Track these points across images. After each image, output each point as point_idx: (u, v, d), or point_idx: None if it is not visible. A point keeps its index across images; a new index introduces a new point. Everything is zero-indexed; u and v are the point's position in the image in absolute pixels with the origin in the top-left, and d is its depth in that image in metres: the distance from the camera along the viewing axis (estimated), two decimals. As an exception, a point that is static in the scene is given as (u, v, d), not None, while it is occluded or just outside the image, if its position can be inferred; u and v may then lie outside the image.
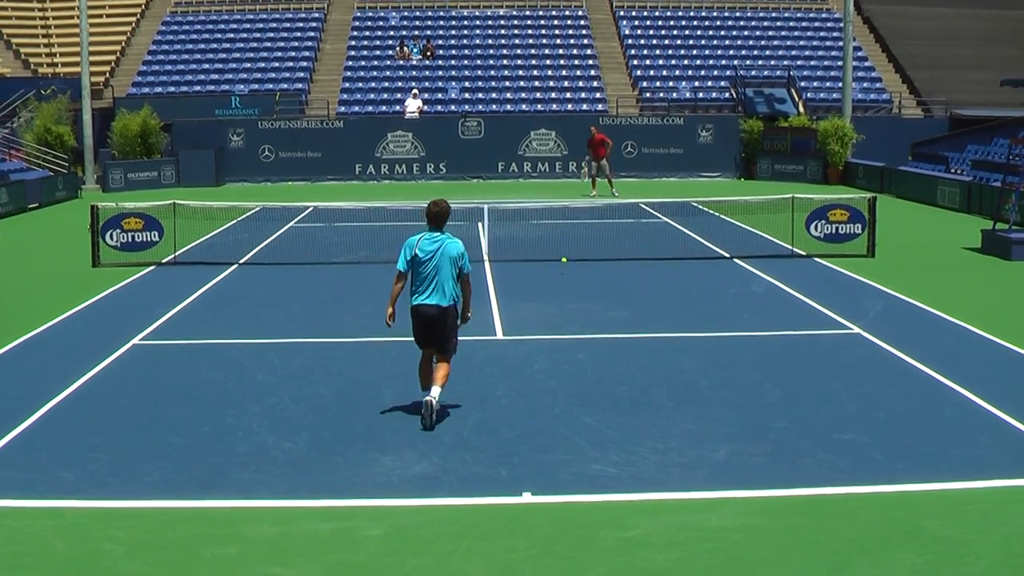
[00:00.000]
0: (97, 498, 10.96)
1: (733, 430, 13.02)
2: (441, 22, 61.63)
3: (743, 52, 58.85)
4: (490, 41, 59.92)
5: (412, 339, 13.59)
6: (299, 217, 34.61)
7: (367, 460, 12.04)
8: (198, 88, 55.73)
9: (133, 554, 9.66)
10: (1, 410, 13.96)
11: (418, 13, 62.32)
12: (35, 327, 18.92)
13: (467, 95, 55.84)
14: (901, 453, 12.18)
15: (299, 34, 60.30)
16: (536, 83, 56.60)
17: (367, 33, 60.77)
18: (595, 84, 56.43)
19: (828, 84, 56.26)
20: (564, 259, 24.57)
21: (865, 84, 55.92)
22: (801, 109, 53.58)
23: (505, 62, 58.22)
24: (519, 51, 59.07)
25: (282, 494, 10.94)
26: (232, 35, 60.28)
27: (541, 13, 62.24)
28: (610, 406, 14.08)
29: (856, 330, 18.40)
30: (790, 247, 26.76)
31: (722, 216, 34.09)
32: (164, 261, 25.95)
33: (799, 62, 58.08)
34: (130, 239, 26.44)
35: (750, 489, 11.11)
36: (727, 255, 26.70)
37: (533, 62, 58.23)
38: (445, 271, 13.07)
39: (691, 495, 10.99)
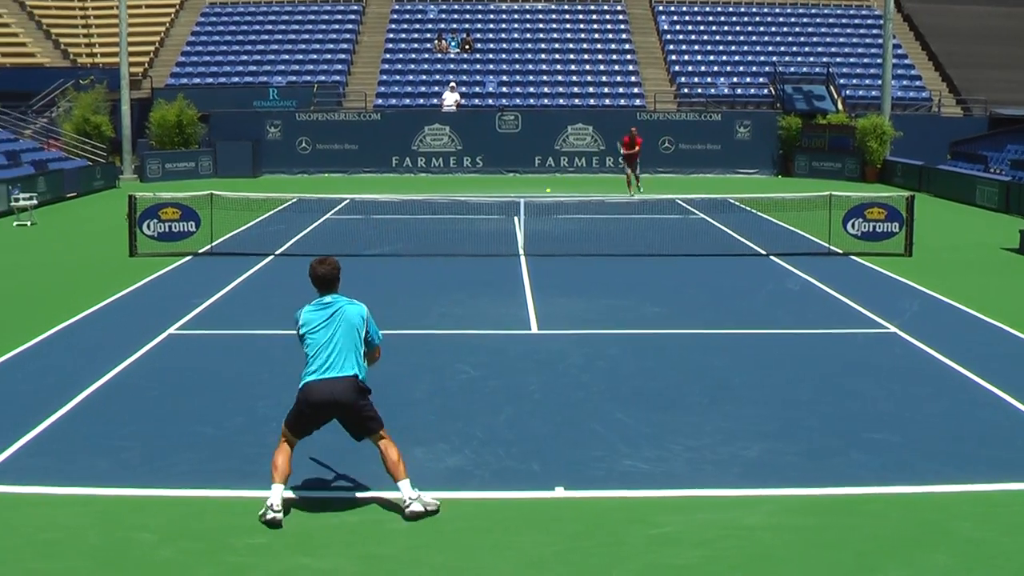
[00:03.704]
0: (130, 486, 11.02)
1: (766, 428, 12.98)
2: (479, 16, 61.61)
3: (782, 48, 58.59)
4: (528, 35, 59.86)
5: (438, 332, 13.46)
6: (335, 209, 34.66)
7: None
8: (236, 79, 55.85)
9: (165, 543, 9.71)
10: (36, 398, 14.06)
11: (456, 7, 62.30)
12: (72, 316, 19.03)
13: (504, 89, 55.81)
14: (933, 453, 12.12)
15: (337, 26, 60.38)
16: (574, 78, 56.51)
17: (405, 26, 60.81)
18: (633, 79, 56.30)
19: (867, 81, 55.94)
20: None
21: (904, 82, 55.62)
22: (840, 106, 53.31)
23: (543, 56, 58.14)
24: (557, 45, 58.97)
25: (312, 485, 10.96)
26: (271, 27, 60.41)
27: (579, 7, 62.15)
28: (643, 402, 14.06)
29: (892, 329, 18.30)
30: (827, 245, 26.66)
31: (759, 213, 34.00)
32: (200, 251, 26.05)
33: (838, 59, 57.79)
34: (167, 229, 26.54)
35: (782, 488, 11.07)
36: (763, 252, 26.62)
37: (571, 56, 58.13)
38: (346, 339, 10.39)
39: (723, 493, 10.96)
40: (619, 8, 62.09)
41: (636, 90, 55.45)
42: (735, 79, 56.45)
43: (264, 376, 15.36)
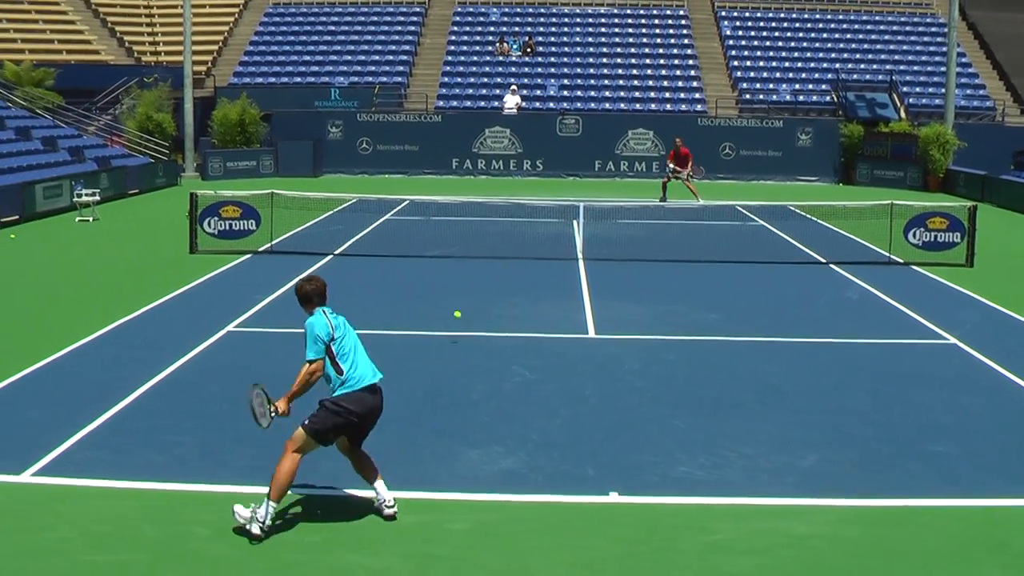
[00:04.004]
0: (185, 481, 11.11)
1: (821, 437, 12.91)
2: (542, 19, 61.61)
3: (845, 55, 58.25)
4: (590, 39, 59.81)
5: (496, 334, 13.37)
6: (395, 210, 34.77)
7: (454, 454, 12.08)
8: (298, 79, 56.18)
9: (218, 537, 9.78)
10: (95, 392, 14.19)
11: (519, 9, 62.34)
12: (132, 311, 19.19)
13: (566, 92, 55.80)
14: (990, 466, 12.01)
15: (400, 28, 60.59)
16: (635, 82, 56.40)
17: (467, 28, 60.93)
18: (694, 84, 56.13)
19: (931, 90, 55.48)
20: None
21: (968, 91, 55.10)
22: (903, 114, 52.92)
23: (604, 60, 58.07)
24: (619, 49, 58.88)
25: (367, 485, 10.98)
26: (333, 27, 60.70)
27: (642, 12, 62.02)
28: (698, 408, 14.02)
29: (952, 340, 18.14)
30: (887, 254, 26.46)
31: (819, 221, 33.80)
32: (260, 250, 26.20)
33: (902, 67, 57.36)
34: (227, 227, 26.72)
35: (837, 497, 11.00)
36: (823, 260, 26.46)
37: (632, 61, 58.03)
38: (361, 344, 10.55)
39: (777, 501, 10.90)
40: (682, 13, 61.91)
41: (697, 95, 55.28)
42: (797, 86, 56.16)
43: (321, 375, 15.38)
